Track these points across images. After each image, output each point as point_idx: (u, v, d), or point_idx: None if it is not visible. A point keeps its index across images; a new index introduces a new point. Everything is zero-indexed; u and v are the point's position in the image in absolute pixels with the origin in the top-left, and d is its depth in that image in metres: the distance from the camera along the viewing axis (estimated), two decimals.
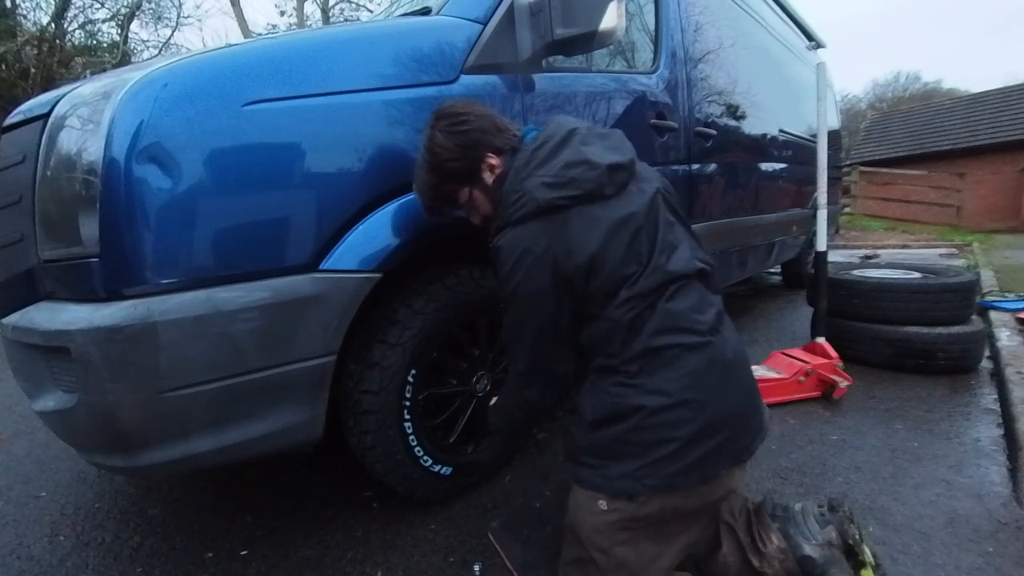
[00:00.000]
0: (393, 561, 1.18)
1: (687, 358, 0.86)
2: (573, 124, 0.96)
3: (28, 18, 10.54)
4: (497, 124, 0.99)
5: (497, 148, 0.98)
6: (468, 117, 0.97)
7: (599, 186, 0.88)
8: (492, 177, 0.99)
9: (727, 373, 0.89)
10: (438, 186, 1.00)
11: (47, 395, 0.95)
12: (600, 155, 0.90)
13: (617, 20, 1.24)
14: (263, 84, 0.95)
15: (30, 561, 1.24)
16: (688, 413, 0.83)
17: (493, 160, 0.98)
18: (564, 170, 0.88)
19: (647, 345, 0.86)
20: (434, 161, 0.97)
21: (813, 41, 3.78)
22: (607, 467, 0.87)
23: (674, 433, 0.83)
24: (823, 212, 2.24)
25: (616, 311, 0.87)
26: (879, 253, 6.47)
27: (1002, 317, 2.78)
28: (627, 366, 0.86)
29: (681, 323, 0.87)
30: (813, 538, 0.95)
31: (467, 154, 0.96)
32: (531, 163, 0.91)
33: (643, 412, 0.84)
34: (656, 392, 0.84)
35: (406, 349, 1.16)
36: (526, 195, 0.88)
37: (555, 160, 0.90)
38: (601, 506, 0.87)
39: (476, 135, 0.96)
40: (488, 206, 1.01)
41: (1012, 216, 10.11)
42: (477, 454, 1.41)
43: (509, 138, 0.99)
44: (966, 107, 12.46)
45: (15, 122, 1.03)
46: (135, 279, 0.85)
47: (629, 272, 0.87)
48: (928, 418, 1.77)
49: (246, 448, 0.99)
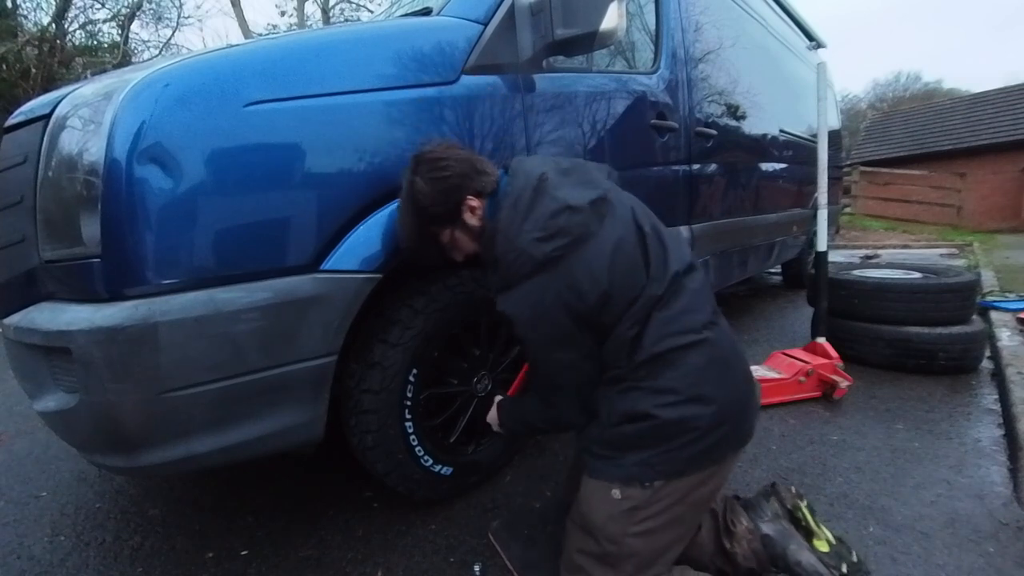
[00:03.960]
0: (393, 561, 1.18)
1: (689, 356, 0.89)
2: (538, 169, 0.98)
3: (29, 18, 10.56)
4: (476, 167, 1.01)
5: (477, 191, 1.00)
6: (448, 163, 0.98)
7: (586, 226, 0.91)
8: (473, 218, 1.01)
9: (727, 364, 0.93)
10: (420, 228, 1.02)
11: (48, 395, 0.95)
12: (577, 196, 0.93)
13: (617, 20, 1.24)
14: (264, 85, 0.96)
15: (30, 561, 1.24)
16: (699, 407, 0.87)
17: (474, 202, 1.00)
18: (550, 221, 0.90)
19: (649, 353, 0.89)
20: (416, 207, 0.99)
21: (813, 41, 3.79)
22: (622, 457, 0.90)
23: (690, 425, 0.87)
24: (823, 212, 2.24)
25: (620, 329, 0.90)
26: (880, 253, 6.46)
27: (1003, 317, 2.78)
28: (634, 373, 0.90)
29: (676, 326, 0.91)
30: (764, 515, 1.08)
31: (448, 199, 0.98)
32: (514, 221, 0.92)
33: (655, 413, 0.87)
34: (666, 392, 0.88)
35: (407, 349, 1.16)
36: (522, 255, 0.90)
37: (536, 212, 0.92)
38: (615, 495, 0.89)
39: (456, 180, 0.98)
40: (470, 245, 1.04)
41: (1013, 216, 10.10)
42: (478, 454, 1.41)
43: (488, 181, 1.01)
44: (967, 107, 12.45)
45: (16, 123, 1.03)
46: (136, 279, 0.85)
47: (633, 295, 0.91)
48: (929, 418, 1.77)
49: (247, 448, 0.99)
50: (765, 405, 1.87)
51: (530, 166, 1.00)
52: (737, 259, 2.57)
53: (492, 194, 1.01)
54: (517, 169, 1.00)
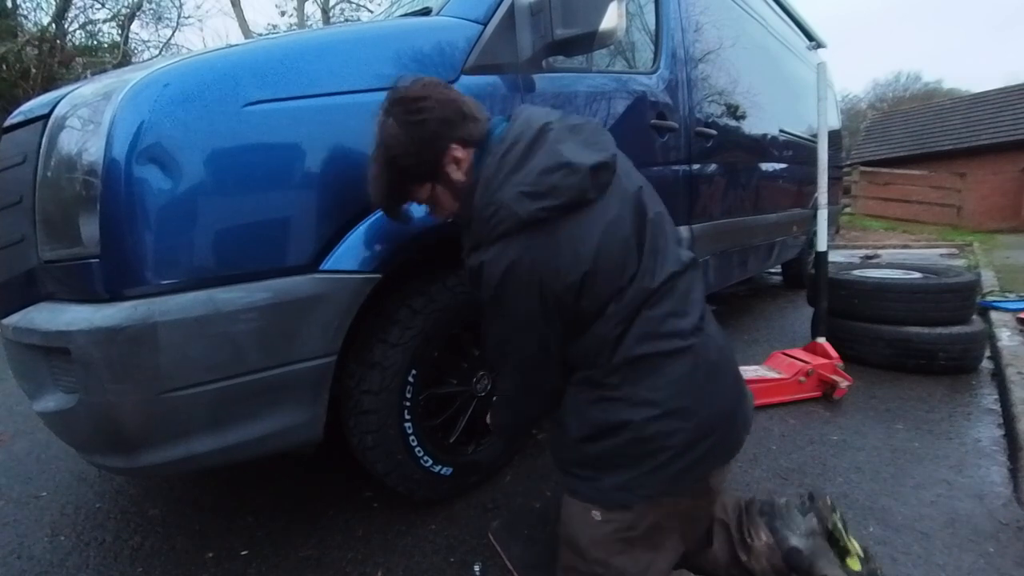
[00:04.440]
0: (393, 561, 1.18)
1: (671, 365, 0.81)
2: (543, 118, 0.84)
3: (29, 18, 10.56)
4: (462, 110, 0.85)
5: (463, 139, 0.85)
6: (428, 103, 0.82)
7: (582, 191, 0.79)
8: (459, 171, 0.86)
9: (713, 374, 0.85)
10: (394, 184, 0.88)
11: (48, 395, 0.95)
12: (580, 155, 0.80)
13: (617, 20, 1.24)
14: (263, 85, 0.95)
15: (30, 561, 1.24)
16: (678, 422, 0.80)
17: (459, 152, 0.85)
18: (542, 177, 0.78)
19: (628, 354, 0.81)
20: (387, 157, 0.85)
21: (813, 41, 3.78)
22: (599, 478, 0.84)
23: (666, 442, 0.80)
24: (823, 212, 2.24)
25: (603, 327, 0.81)
26: (880, 253, 6.46)
27: (1003, 317, 2.78)
28: (608, 378, 0.82)
29: (663, 328, 0.82)
30: (797, 528, 0.96)
31: (425, 148, 0.84)
32: (502, 169, 0.79)
33: (631, 426, 0.80)
34: (643, 404, 0.80)
35: (407, 349, 1.16)
36: (503, 208, 0.77)
37: (529, 164, 0.79)
38: (596, 517, 0.84)
39: (436, 126, 0.83)
40: (454, 204, 0.90)
41: (1013, 216, 10.10)
42: (477, 454, 1.41)
43: (477, 128, 0.86)
44: (967, 107, 12.45)
45: (16, 123, 1.03)
46: (136, 280, 0.85)
47: (619, 285, 0.81)
48: (929, 418, 1.77)
49: (246, 448, 0.99)
50: (765, 405, 1.87)
51: (534, 114, 0.86)
52: (737, 259, 2.57)
53: (482, 143, 0.86)
54: (519, 115, 0.86)
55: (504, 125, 0.87)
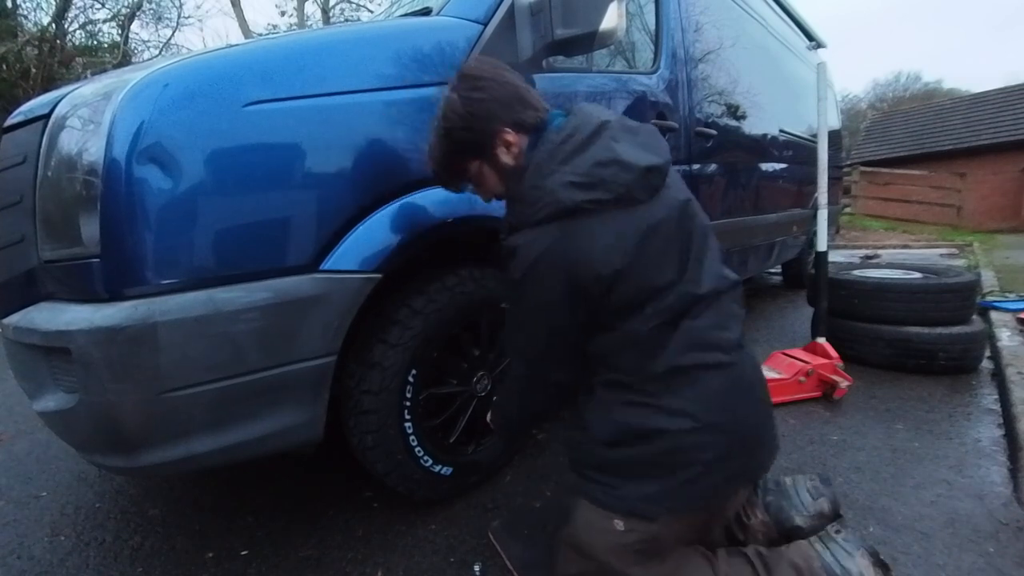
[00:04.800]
0: (393, 561, 1.18)
1: (711, 379, 0.81)
2: (603, 115, 0.86)
3: (29, 18, 10.56)
4: (522, 96, 0.87)
5: (516, 123, 0.87)
6: (489, 83, 0.86)
7: (631, 190, 0.79)
8: (508, 155, 0.88)
9: (748, 393, 0.86)
10: (447, 155, 0.91)
11: (48, 395, 0.95)
12: (634, 155, 0.81)
13: (617, 20, 1.24)
14: (263, 85, 0.95)
15: (30, 561, 1.24)
16: (711, 437, 0.80)
17: (510, 136, 0.87)
18: (594, 169, 0.78)
19: (672, 363, 0.80)
20: (445, 126, 0.88)
21: (813, 41, 3.78)
22: (622, 486, 0.82)
23: (699, 456, 0.80)
24: (823, 212, 2.24)
25: (636, 324, 0.80)
26: (880, 253, 6.46)
27: (1003, 317, 2.78)
28: (645, 385, 0.81)
29: (706, 340, 0.82)
30: (805, 510, 0.97)
31: (477, 125, 0.86)
32: (555, 157, 0.81)
33: (666, 436, 0.79)
34: (679, 414, 0.79)
35: (406, 349, 1.16)
36: (548, 194, 0.79)
37: (583, 156, 0.80)
38: (617, 526, 0.82)
39: (491, 105, 0.85)
40: (498, 186, 0.92)
41: (1013, 216, 10.10)
42: (478, 454, 1.41)
43: (533, 115, 0.88)
44: (967, 107, 12.45)
45: (16, 123, 1.03)
46: (136, 279, 0.85)
47: (660, 284, 0.81)
48: (929, 418, 1.77)
49: (246, 448, 0.99)
50: None
51: (594, 110, 0.88)
52: (737, 259, 2.57)
53: (536, 131, 0.88)
54: (579, 110, 0.88)
55: (561, 118, 0.89)
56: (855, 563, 0.87)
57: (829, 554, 0.89)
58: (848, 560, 0.88)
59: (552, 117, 0.90)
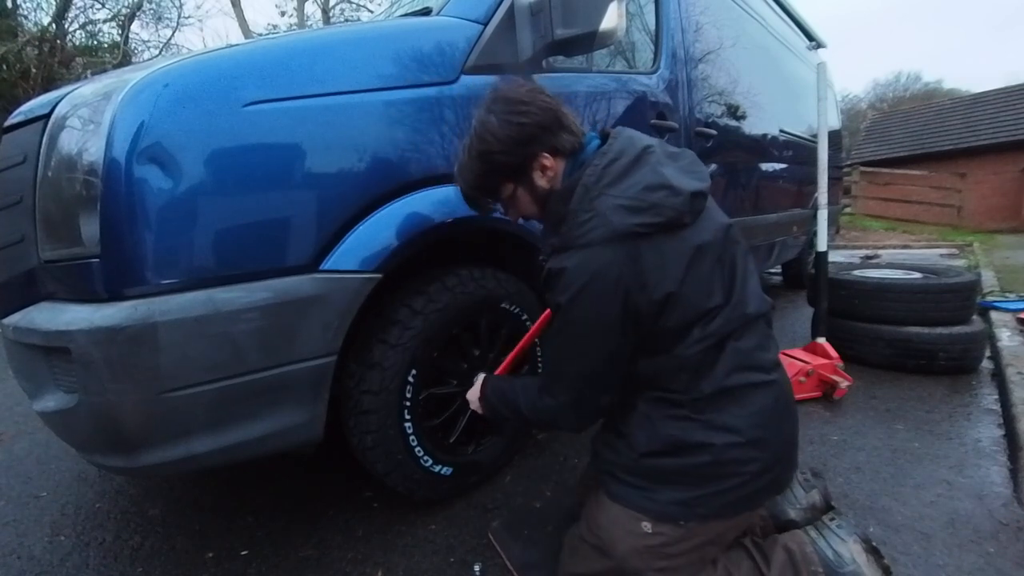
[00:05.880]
0: (393, 561, 1.18)
1: (756, 396, 0.83)
2: (646, 140, 0.88)
3: (29, 18, 10.56)
4: (562, 121, 0.88)
5: (554, 148, 0.88)
6: (530, 108, 0.86)
7: (680, 215, 0.80)
8: (544, 179, 0.90)
9: (786, 411, 0.88)
10: (481, 176, 0.92)
11: (48, 395, 0.95)
12: (681, 180, 0.82)
13: (617, 20, 1.24)
14: (263, 85, 0.95)
15: (30, 561, 1.24)
16: (756, 452, 0.82)
17: (547, 161, 0.88)
18: (644, 193, 0.79)
19: (720, 384, 0.82)
20: (482, 148, 0.88)
21: (813, 41, 3.78)
22: (656, 491, 0.84)
23: (741, 469, 0.82)
24: (823, 212, 2.24)
25: (686, 350, 0.81)
26: (880, 253, 6.46)
27: (1003, 317, 2.78)
28: (695, 403, 0.82)
29: (751, 362, 0.84)
30: (798, 502, 1.01)
31: (519, 149, 0.87)
32: (603, 180, 0.81)
33: (712, 450, 0.81)
34: (725, 430, 0.81)
35: (406, 349, 1.16)
36: (598, 216, 0.79)
37: (631, 180, 0.81)
38: (645, 528, 0.84)
39: (534, 130, 0.86)
40: (531, 208, 0.94)
41: (1013, 216, 10.10)
42: (478, 454, 1.41)
43: (571, 140, 0.89)
44: (967, 107, 12.45)
45: (16, 122, 1.03)
46: (136, 279, 0.85)
47: (708, 307, 0.82)
48: (929, 418, 1.77)
49: (246, 448, 0.99)
50: None
51: (635, 134, 0.89)
52: None
53: (573, 156, 0.89)
54: (620, 134, 0.89)
55: (596, 140, 0.91)
56: (847, 548, 0.91)
57: (823, 540, 0.94)
58: (841, 545, 0.92)
59: (588, 140, 0.92)
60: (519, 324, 1.40)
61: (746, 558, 0.92)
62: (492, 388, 1.10)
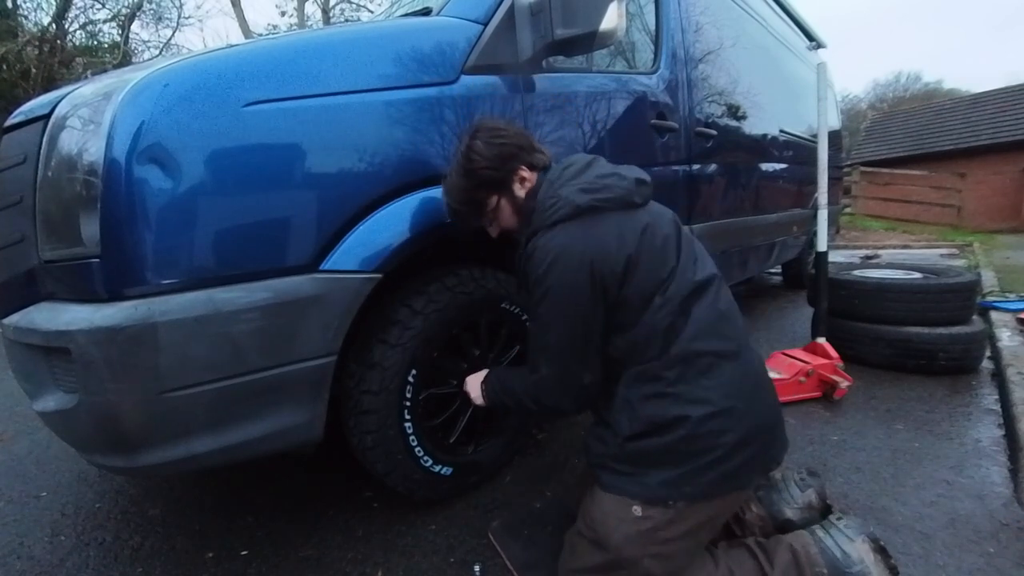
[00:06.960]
0: (393, 561, 1.18)
1: (724, 366, 0.89)
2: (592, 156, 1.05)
3: (29, 18, 10.55)
4: (532, 143, 1.07)
5: (530, 163, 1.04)
6: (508, 132, 1.04)
7: (629, 194, 0.96)
8: (523, 190, 1.04)
9: (759, 384, 0.93)
10: (469, 191, 1.04)
11: (48, 395, 0.95)
12: (626, 171, 1.00)
13: (617, 20, 1.24)
14: (263, 85, 0.95)
15: (30, 561, 1.24)
16: (729, 422, 0.86)
17: (525, 173, 1.04)
18: (598, 180, 0.96)
19: (686, 349, 0.88)
20: (469, 167, 1.02)
21: (814, 41, 3.78)
22: (645, 474, 0.88)
23: (716, 441, 0.85)
24: (824, 212, 2.24)
25: (653, 316, 0.90)
26: (880, 253, 6.46)
27: (1003, 317, 2.78)
28: (666, 371, 0.89)
29: (716, 329, 0.91)
30: (794, 502, 1.03)
31: (502, 164, 1.02)
32: (564, 176, 0.99)
33: (688, 423, 0.85)
34: (699, 401, 0.86)
35: (406, 349, 1.16)
36: (561, 200, 0.94)
37: (586, 174, 0.98)
38: (635, 512, 0.87)
39: (513, 149, 1.03)
40: (512, 218, 1.07)
41: (1013, 216, 10.09)
42: (478, 454, 1.41)
43: (541, 158, 1.06)
44: (967, 107, 12.44)
45: (16, 123, 1.03)
46: (136, 279, 0.85)
47: (662, 277, 0.91)
48: (929, 419, 1.77)
49: (246, 448, 0.99)
50: None
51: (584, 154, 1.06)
52: (737, 259, 2.57)
53: (544, 170, 1.05)
54: (572, 155, 1.07)
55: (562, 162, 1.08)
56: (855, 548, 0.91)
57: (831, 539, 0.93)
58: (849, 545, 0.92)
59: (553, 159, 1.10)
60: (519, 324, 1.40)
61: (749, 558, 0.93)
62: (495, 376, 1.18)
